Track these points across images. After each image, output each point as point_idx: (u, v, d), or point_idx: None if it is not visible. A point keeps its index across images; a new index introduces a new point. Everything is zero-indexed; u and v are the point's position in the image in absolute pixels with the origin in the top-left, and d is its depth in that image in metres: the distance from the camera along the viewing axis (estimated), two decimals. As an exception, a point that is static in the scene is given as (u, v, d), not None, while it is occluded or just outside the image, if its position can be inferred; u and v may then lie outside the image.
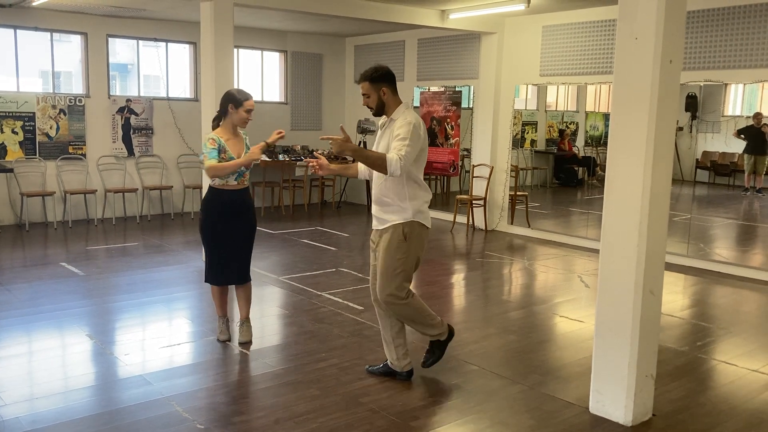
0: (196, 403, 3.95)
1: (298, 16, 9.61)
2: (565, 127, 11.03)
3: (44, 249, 8.23)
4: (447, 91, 10.74)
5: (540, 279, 7.39)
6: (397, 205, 4.03)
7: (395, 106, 4.10)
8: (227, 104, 4.68)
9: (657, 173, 3.60)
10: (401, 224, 4.02)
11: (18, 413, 3.77)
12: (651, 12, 3.45)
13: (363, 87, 4.09)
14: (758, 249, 8.77)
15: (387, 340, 4.32)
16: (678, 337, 5.36)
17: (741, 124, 8.67)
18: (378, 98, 4.06)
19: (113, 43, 10.52)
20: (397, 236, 4.02)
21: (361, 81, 4.10)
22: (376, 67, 4.12)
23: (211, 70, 7.43)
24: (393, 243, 4.02)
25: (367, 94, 4.08)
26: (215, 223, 4.75)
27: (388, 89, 4.07)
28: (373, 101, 4.08)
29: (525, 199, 9.99)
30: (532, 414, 3.90)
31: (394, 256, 4.02)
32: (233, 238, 4.77)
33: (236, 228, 4.76)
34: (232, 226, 4.75)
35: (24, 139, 9.60)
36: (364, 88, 4.08)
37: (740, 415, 3.97)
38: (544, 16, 9.18)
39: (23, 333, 5.20)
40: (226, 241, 4.77)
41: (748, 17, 7.24)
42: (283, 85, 12.14)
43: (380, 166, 3.83)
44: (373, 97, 4.07)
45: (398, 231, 4.02)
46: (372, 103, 4.09)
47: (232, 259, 4.81)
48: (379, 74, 4.06)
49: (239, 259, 4.84)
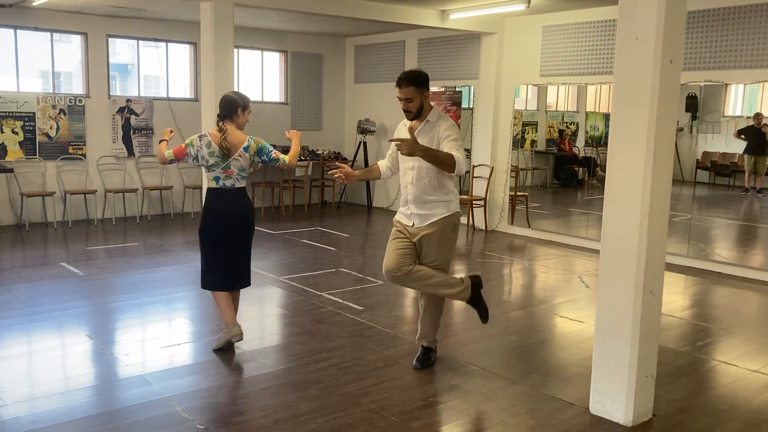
0: (196, 403, 3.95)
1: (298, 17, 9.61)
2: (566, 128, 11.03)
3: (44, 249, 8.23)
4: (447, 91, 10.73)
5: (540, 279, 7.39)
6: (442, 200, 4.22)
7: (429, 109, 4.19)
8: (236, 107, 4.69)
9: (657, 173, 3.60)
10: (450, 216, 4.24)
11: (18, 413, 3.76)
12: (651, 12, 3.45)
13: (407, 92, 4.07)
14: (758, 249, 8.76)
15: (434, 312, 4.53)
16: (678, 338, 5.36)
17: (741, 125, 8.66)
18: (420, 102, 4.10)
19: (113, 43, 10.52)
20: (449, 228, 4.25)
21: (406, 85, 4.08)
22: (418, 71, 4.13)
23: (211, 71, 7.43)
24: (446, 235, 4.25)
25: (410, 99, 4.09)
26: (220, 224, 4.78)
27: (428, 93, 4.18)
28: (416, 105, 4.11)
29: (525, 200, 9.99)
30: (532, 414, 3.90)
31: (449, 246, 4.32)
32: (238, 239, 4.81)
33: (241, 229, 4.80)
34: (237, 227, 4.79)
35: (24, 139, 9.60)
36: (409, 92, 4.07)
37: (741, 415, 3.97)
38: (544, 16, 9.18)
39: (23, 333, 5.20)
40: (230, 243, 4.82)
41: (749, 17, 7.23)
42: (283, 86, 12.13)
43: (449, 165, 3.96)
44: (417, 102, 4.09)
45: (449, 223, 4.24)
46: (414, 108, 4.11)
47: (237, 261, 4.84)
48: (423, 79, 4.12)
49: (244, 260, 4.88)
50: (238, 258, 4.78)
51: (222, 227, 4.68)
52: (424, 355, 4.55)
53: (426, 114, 4.17)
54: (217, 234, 4.70)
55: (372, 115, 11.91)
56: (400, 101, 4.14)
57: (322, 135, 12.54)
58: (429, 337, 4.56)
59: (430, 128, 4.15)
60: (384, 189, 12.01)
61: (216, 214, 4.68)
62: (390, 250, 4.31)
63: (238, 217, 4.70)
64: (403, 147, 3.85)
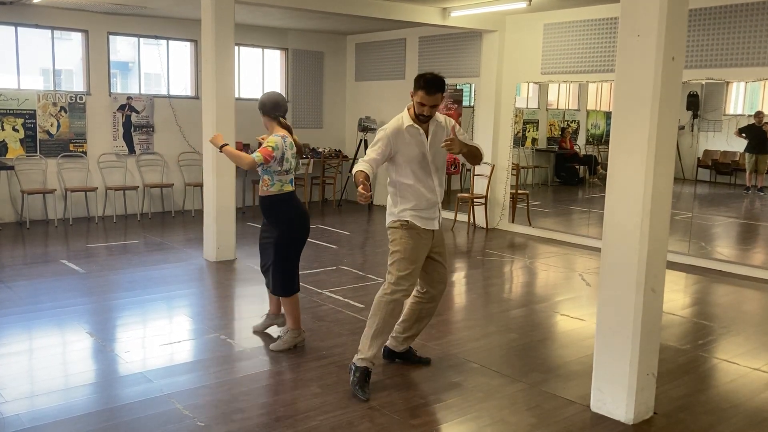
0: (197, 401, 3.95)
1: (298, 14, 9.60)
2: (567, 126, 11.02)
3: (45, 246, 8.23)
4: (448, 89, 10.71)
5: (541, 277, 7.38)
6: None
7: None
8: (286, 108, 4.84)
9: (659, 171, 3.59)
10: None
11: (18, 410, 3.76)
12: (653, 9, 3.44)
13: (437, 99, 4.03)
14: (759, 248, 8.76)
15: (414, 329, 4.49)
16: (679, 336, 5.36)
17: (742, 123, 8.65)
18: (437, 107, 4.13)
19: (114, 40, 10.51)
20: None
21: (437, 92, 4.02)
22: (441, 77, 4.07)
23: (211, 68, 7.42)
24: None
25: (436, 105, 4.06)
26: (301, 226, 4.87)
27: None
28: (436, 111, 4.12)
29: (526, 198, 9.98)
30: (532, 412, 3.90)
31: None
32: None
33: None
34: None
35: (25, 136, 9.60)
36: (438, 99, 4.04)
37: (742, 413, 3.97)
38: (545, 14, 9.17)
39: (24, 330, 5.20)
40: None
41: (750, 15, 7.22)
42: (284, 83, 12.13)
43: (480, 157, 4.24)
44: (438, 107, 4.11)
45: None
46: (434, 113, 4.12)
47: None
48: (445, 85, 4.12)
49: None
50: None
51: (307, 229, 4.79)
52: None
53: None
54: (304, 238, 4.77)
55: (373, 112, 11.90)
56: (423, 106, 4.03)
57: (322, 133, 12.54)
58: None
59: (441, 128, 4.20)
60: (385, 187, 11.98)
61: (305, 217, 4.75)
62: (421, 274, 4.32)
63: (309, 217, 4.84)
64: (455, 146, 3.92)
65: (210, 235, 7.60)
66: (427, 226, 4.23)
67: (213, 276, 6.97)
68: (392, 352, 4.54)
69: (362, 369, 4.07)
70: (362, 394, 3.99)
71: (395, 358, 4.57)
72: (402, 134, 4.13)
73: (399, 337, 4.46)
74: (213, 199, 7.53)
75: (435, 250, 4.32)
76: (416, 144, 4.14)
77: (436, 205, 4.26)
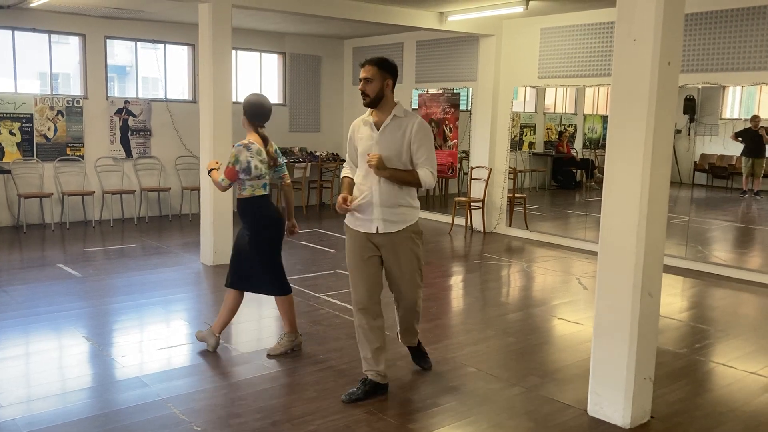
0: (194, 405, 3.94)
1: (296, 18, 9.61)
2: (564, 130, 11.04)
3: (42, 250, 8.22)
4: (445, 93, 10.74)
5: (538, 281, 7.39)
6: (410, 205, 4.01)
7: (391, 105, 3.95)
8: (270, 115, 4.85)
9: (655, 175, 3.60)
10: (415, 223, 4.06)
11: (15, 415, 3.75)
12: (649, 14, 3.45)
13: (368, 71, 3.87)
14: (756, 251, 8.77)
15: (380, 348, 4.09)
16: (676, 340, 5.36)
17: (739, 127, 8.68)
18: (380, 89, 3.88)
19: (111, 44, 10.51)
20: (416, 235, 4.04)
21: (367, 64, 3.90)
22: (386, 57, 3.97)
23: (209, 72, 7.42)
24: (415, 242, 4.04)
25: (370, 79, 3.86)
26: (278, 229, 4.85)
27: (392, 84, 3.95)
28: (374, 89, 3.87)
29: (523, 201, 9.99)
30: (530, 416, 3.90)
31: (418, 255, 4.08)
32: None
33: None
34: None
35: (22, 140, 9.59)
36: (370, 72, 3.86)
37: (739, 417, 3.97)
38: (542, 18, 9.19)
39: (20, 335, 5.19)
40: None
41: (746, 20, 7.25)
42: (282, 87, 12.14)
43: (416, 184, 3.92)
44: (376, 85, 3.86)
45: (415, 229, 4.05)
46: (372, 91, 3.87)
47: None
48: (389, 65, 3.93)
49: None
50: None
51: (280, 230, 4.78)
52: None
53: (390, 108, 3.93)
54: (279, 238, 4.77)
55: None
56: (360, 82, 3.93)
57: (320, 137, 12.55)
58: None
59: (398, 125, 3.90)
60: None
61: (277, 219, 4.75)
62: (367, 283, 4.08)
63: (282, 219, 4.83)
64: (373, 162, 3.79)
65: (207, 239, 7.59)
66: (360, 228, 4.03)
67: (210, 280, 6.96)
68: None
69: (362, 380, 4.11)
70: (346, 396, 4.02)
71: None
72: (360, 128, 4.06)
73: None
74: (210, 203, 7.52)
75: (386, 262, 4.05)
76: (366, 137, 3.97)
77: (371, 207, 3.93)
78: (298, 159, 11.44)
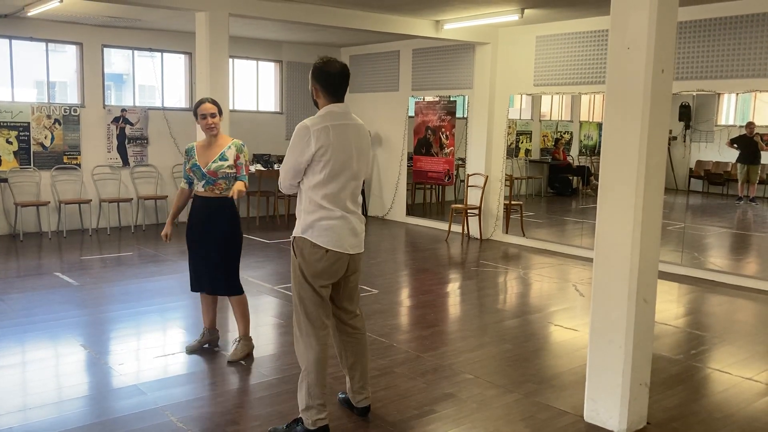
0: (191, 413, 3.94)
1: (293, 27, 9.65)
2: (560, 137, 11.08)
3: (38, 259, 8.21)
4: (441, 100, 10.78)
5: (535, 288, 7.40)
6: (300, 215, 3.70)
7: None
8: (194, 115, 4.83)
9: (650, 182, 3.62)
10: (298, 237, 3.63)
11: (11, 424, 3.75)
12: (642, 22, 3.49)
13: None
14: (752, 258, 8.80)
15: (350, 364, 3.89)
16: (672, 346, 5.38)
17: (734, 134, 8.71)
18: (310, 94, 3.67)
19: (108, 53, 10.54)
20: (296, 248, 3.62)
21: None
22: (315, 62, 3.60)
23: (206, 80, 7.45)
24: (294, 254, 3.63)
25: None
26: (188, 228, 4.85)
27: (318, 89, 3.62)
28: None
29: (520, 209, 10.01)
30: (526, 422, 3.90)
31: (294, 268, 3.63)
32: (201, 245, 4.78)
33: (205, 236, 4.74)
34: (200, 234, 4.76)
35: (19, 148, 9.60)
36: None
37: (735, 423, 3.98)
38: (537, 26, 9.24)
39: (17, 343, 5.18)
40: (194, 248, 4.83)
41: (740, 27, 7.30)
42: (278, 96, 12.17)
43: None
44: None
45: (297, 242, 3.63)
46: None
47: (202, 267, 4.81)
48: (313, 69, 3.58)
49: (209, 267, 4.78)
50: (209, 263, 4.90)
51: (192, 229, 4.89)
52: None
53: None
54: (188, 234, 4.92)
55: (366, 124, 11.89)
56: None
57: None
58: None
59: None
60: (379, 197, 12.02)
61: (190, 216, 4.89)
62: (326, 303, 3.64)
63: (209, 222, 4.86)
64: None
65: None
66: (354, 249, 3.66)
67: (207, 288, 6.96)
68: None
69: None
70: None
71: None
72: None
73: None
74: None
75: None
76: None
77: (359, 223, 3.66)
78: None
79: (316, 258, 3.49)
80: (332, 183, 3.47)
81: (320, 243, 3.48)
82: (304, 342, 3.57)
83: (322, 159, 3.42)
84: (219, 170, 4.60)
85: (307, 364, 3.57)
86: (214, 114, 4.69)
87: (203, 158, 4.66)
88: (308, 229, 3.50)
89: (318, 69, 3.52)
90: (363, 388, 3.89)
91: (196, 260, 4.84)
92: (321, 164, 3.43)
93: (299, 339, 3.60)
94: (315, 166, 3.45)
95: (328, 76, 3.52)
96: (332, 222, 3.49)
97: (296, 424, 3.64)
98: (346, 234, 3.54)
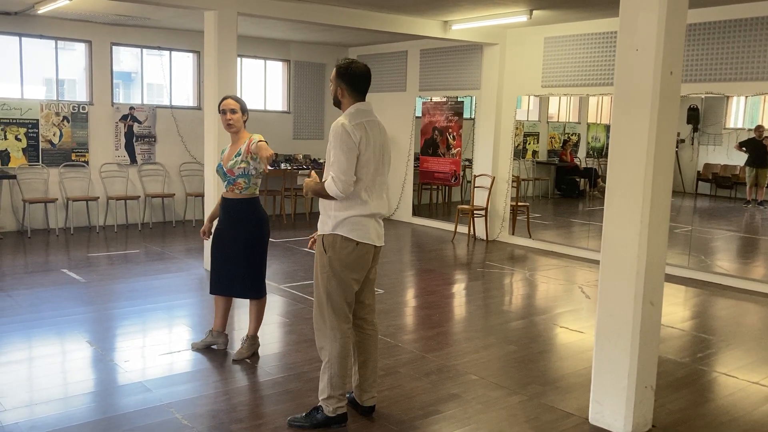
0: (196, 410, 3.95)
1: (301, 26, 9.66)
2: (567, 138, 11.06)
3: (46, 255, 8.25)
4: (449, 101, 10.77)
5: (541, 289, 7.39)
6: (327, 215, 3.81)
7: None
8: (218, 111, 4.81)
9: (657, 184, 3.61)
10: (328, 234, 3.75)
11: (17, 419, 3.77)
12: (651, 24, 3.48)
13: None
14: (759, 261, 8.76)
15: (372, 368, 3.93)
16: (678, 349, 5.36)
17: (743, 137, 8.68)
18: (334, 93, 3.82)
19: (117, 51, 10.58)
20: (326, 246, 3.73)
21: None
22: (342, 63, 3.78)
23: (214, 79, 7.46)
24: (322, 252, 3.76)
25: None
26: (215, 229, 4.84)
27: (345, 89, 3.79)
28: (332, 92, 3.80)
29: (526, 210, 10.00)
30: (531, 424, 3.90)
31: (320, 266, 3.76)
32: (223, 248, 4.75)
33: (228, 239, 4.71)
34: (224, 236, 4.74)
35: (27, 145, 9.64)
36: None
37: (740, 427, 3.96)
38: (545, 27, 9.22)
39: (24, 339, 5.21)
40: (217, 249, 4.79)
41: (750, 30, 7.27)
42: (286, 95, 12.18)
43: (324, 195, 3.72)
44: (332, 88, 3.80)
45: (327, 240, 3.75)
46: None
47: (223, 269, 4.76)
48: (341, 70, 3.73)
49: (231, 270, 4.73)
50: (230, 265, 4.87)
51: (217, 230, 4.86)
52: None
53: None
54: (214, 234, 4.89)
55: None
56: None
57: (324, 144, 12.57)
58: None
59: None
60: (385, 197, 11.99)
61: (218, 218, 4.87)
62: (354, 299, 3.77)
63: (232, 224, 4.82)
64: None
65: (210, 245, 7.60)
66: (379, 242, 3.83)
67: (213, 286, 6.98)
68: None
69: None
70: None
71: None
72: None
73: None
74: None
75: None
76: None
77: (380, 219, 3.82)
78: (301, 166, 11.47)
79: (348, 251, 3.63)
80: (366, 177, 3.63)
81: (351, 237, 3.62)
82: (329, 335, 3.69)
83: (362, 155, 3.58)
84: (234, 167, 4.58)
85: (331, 356, 3.68)
86: (235, 110, 4.64)
87: (226, 157, 4.68)
88: (338, 225, 3.63)
89: (344, 69, 3.70)
90: (371, 387, 3.93)
91: (219, 262, 4.78)
92: (359, 160, 3.58)
93: (324, 332, 3.72)
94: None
95: (354, 76, 3.71)
96: (363, 218, 3.64)
97: (316, 411, 3.75)
98: (373, 227, 3.70)
